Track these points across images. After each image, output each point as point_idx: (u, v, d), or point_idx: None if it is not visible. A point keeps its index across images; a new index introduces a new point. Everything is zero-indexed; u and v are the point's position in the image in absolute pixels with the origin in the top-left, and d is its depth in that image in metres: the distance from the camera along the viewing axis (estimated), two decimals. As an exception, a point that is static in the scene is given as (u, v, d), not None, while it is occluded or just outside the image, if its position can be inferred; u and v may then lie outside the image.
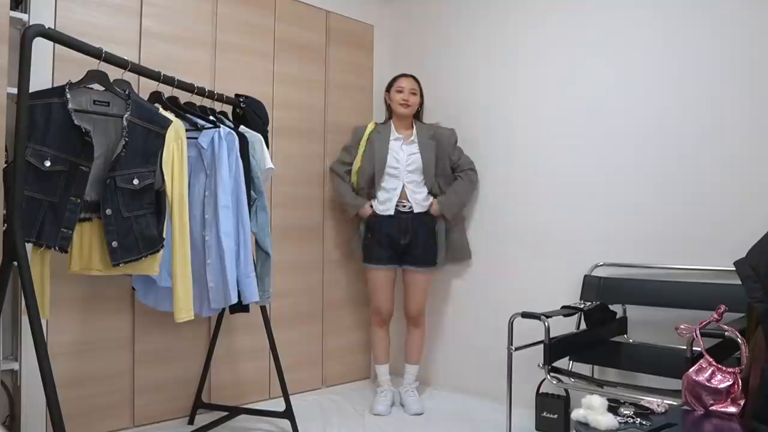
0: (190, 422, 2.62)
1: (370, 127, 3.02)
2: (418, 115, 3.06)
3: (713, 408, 1.64)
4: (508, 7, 3.01)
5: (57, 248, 1.84)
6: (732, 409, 1.61)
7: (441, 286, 3.24)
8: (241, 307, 2.40)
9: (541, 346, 2.16)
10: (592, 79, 2.67)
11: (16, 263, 1.67)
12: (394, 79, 3.02)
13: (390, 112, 3.05)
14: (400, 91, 2.95)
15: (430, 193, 2.92)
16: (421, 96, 3.03)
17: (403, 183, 2.89)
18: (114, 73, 2.01)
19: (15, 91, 1.71)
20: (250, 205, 2.33)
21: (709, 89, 2.34)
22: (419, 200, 2.89)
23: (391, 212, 2.88)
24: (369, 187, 2.95)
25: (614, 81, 2.60)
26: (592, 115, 2.67)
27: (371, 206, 2.92)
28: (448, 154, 2.96)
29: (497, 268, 3.01)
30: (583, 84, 2.70)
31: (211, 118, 2.34)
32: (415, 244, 2.89)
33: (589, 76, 2.69)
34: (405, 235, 2.88)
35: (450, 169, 2.98)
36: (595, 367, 2.54)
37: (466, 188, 2.99)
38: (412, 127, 3.01)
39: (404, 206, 2.88)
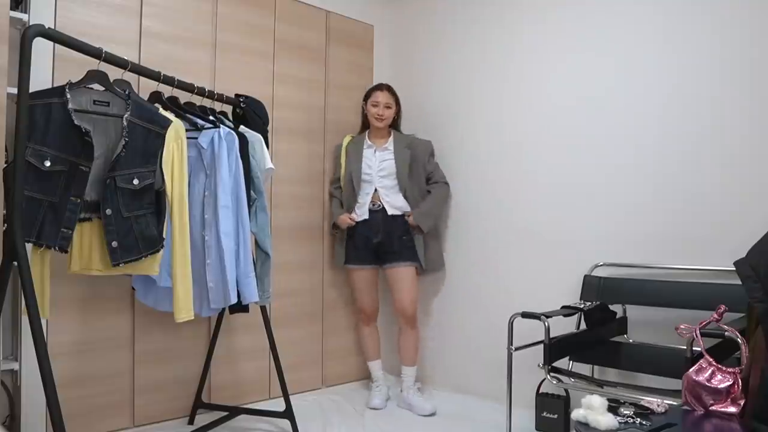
0: (190, 422, 2.62)
1: (345, 140, 3.15)
2: (395, 125, 3.15)
3: (713, 408, 1.63)
4: (507, 5, 3.01)
5: (57, 248, 1.84)
6: (732, 409, 1.61)
7: (441, 286, 3.25)
8: (240, 307, 2.40)
9: (541, 346, 2.16)
10: (592, 78, 2.67)
11: (16, 263, 1.67)
12: (371, 92, 3.10)
13: (366, 122, 3.13)
14: (375, 106, 3.04)
15: (404, 198, 3.00)
16: (398, 106, 3.11)
17: (376, 187, 2.98)
18: (114, 73, 2.01)
19: (15, 91, 1.71)
20: (249, 205, 2.33)
21: (709, 88, 2.34)
22: (392, 203, 2.98)
23: (366, 216, 2.98)
24: (353, 197, 3.03)
25: (614, 80, 2.60)
26: (592, 115, 2.66)
27: (350, 216, 3.00)
28: (423, 164, 3.06)
29: (497, 268, 3.00)
30: (582, 83, 2.70)
31: (211, 118, 2.34)
32: (388, 242, 2.97)
33: (588, 75, 2.68)
34: (377, 234, 2.97)
35: (425, 180, 3.07)
36: (595, 367, 2.54)
37: (440, 201, 3.09)
38: (389, 135, 3.10)
39: (375, 205, 2.98)
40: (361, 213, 2.98)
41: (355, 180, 3.01)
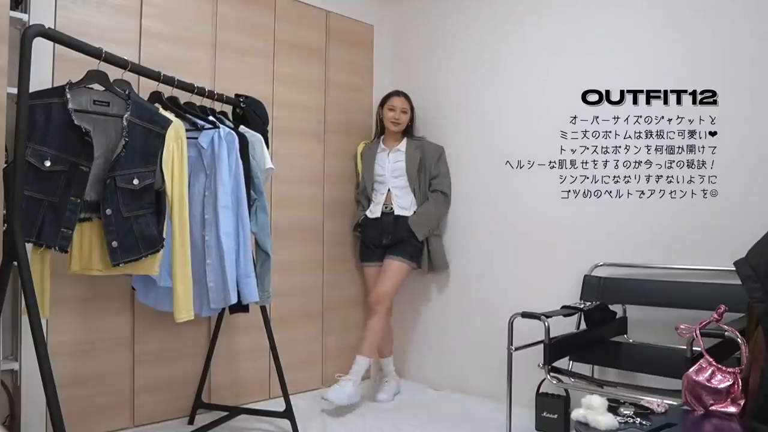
0: (190, 422, 2.62)
1: (360, 147, 3.28)
2: (408, 131, 3.20)
3: (713, 408, 1.64)
4: (506, 6, 3.01)
5: (57, 248, 1.84)
6: (732, 409, 1.61)
7: (441, 286, 3.25)
8: (240, 307, 2.40)
9: (541, 346, 2.16)
10: (591, 78, 2.67)
11: (16, 263, 1.67)
12: (387, 97, 3.17)
13: (382, 127, 3.21)
14: (392, 110, 3.12)
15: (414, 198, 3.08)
16: (413, 112, 3.18)
17: (389, 188, 3.07)
18: (114, 73, 2.01)
19: (15, 91, 1.71)
20: (250, 205, 2.33)
21: (709, 88, 2.34)
22: (402, 204, 3.05)
23: (378, 215, 3.07)
24: (369, 198, 3.16)
25: (613, 80, 2.60)
26: (592, 115, 2.67)
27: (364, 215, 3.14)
28: (430, 167, 3.10)
29: (497, 268, 3.00)
30: (581, 83, 2.69)
31: (211, 118, 2.34)
32: (396, 243, 3.04)
33: (587, 75, 2.68)
34: (387, 235, 3.05)
35: (428, 183, 3.11)
36: (595, 367, 2.54)
37: (434, 211, 3.10)
38: (402, 139, 3.16)
39: (387, 208, 3.06)
40: (374, 212, 3.08)
41: (367, 182, 3.13)
